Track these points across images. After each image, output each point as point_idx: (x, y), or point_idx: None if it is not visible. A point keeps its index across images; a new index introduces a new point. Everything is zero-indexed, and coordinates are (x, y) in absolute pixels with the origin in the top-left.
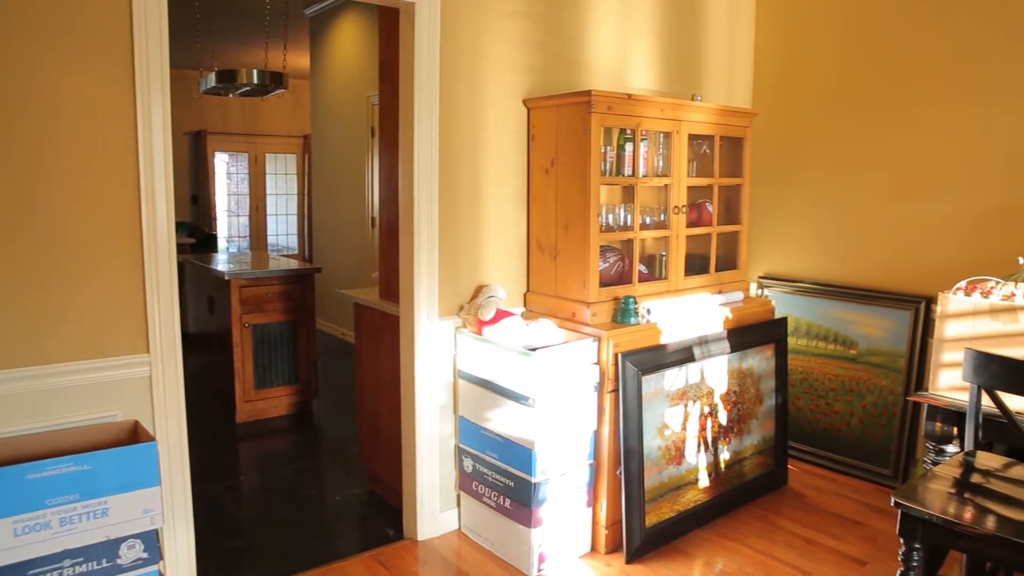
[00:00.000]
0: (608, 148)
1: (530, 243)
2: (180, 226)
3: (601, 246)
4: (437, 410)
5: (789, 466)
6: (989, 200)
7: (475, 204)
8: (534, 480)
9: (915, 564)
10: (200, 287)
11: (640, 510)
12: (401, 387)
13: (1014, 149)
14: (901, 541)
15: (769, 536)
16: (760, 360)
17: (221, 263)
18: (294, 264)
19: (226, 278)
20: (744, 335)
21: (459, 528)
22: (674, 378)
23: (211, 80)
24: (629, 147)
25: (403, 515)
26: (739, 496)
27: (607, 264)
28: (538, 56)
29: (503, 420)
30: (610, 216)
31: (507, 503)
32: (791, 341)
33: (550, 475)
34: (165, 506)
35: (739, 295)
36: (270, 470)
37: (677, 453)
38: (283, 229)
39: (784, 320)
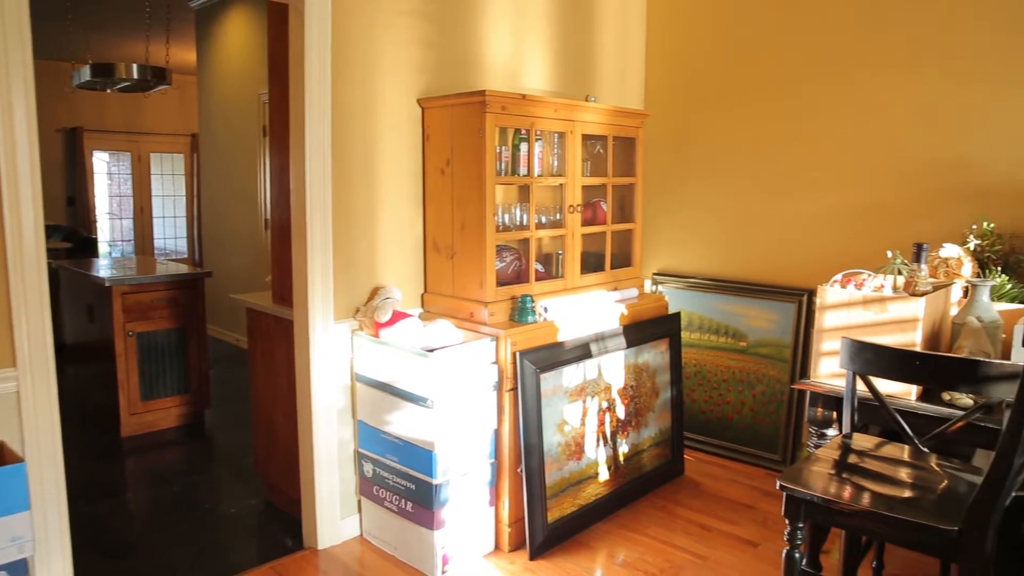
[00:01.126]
0: (503, 148)
1: (427, 244)
2: (53, 230)
3: (497, 245)
4: (335, 415)
5: (685, 456)
6: (864, 198)
7: (370, 205)
8: (435, 482)
9: (799, 542)
10: (78, 295)
11: (542, 506)
12: (297, 393)
13: (884, 151)
14: (786, 522)
15: (668, 524)
16: (655, 354)
17: (102, 268)
18: (183, 269)
19: (107, 284)
20: (639, 331)
21: (361, 534)
22: (572, 375)
23: (85, 74)
24: (524, 147)
25: (302, 524)
26: (638, 488)
27: (504, 263)
28: (432, 56)
29: (402, 423)
30: (506, 216)
31: (409, 506)
32: (685, 335)
33: (451, 476)
34: (37, 532)
35: (634, 292)
36: (159, 485)
37: (577, 448)
38: (171, 232)
39: (677, 315)
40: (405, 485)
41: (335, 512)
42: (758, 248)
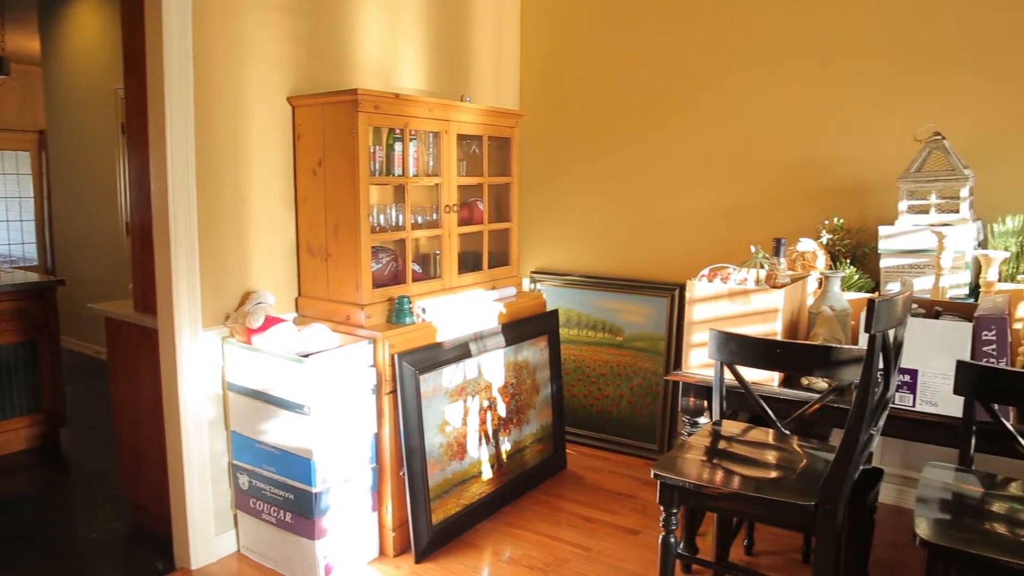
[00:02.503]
0: (377, 148)
1: (300, 246)
2: None
3: (373, 247)
4: (206, 427)
5: (568, 450)
6: (730, 196)
7: (239, 207)
8: (315, 490)
9: (674, 527)
10: None
11: (426, 509)
12: (164, 405)
13: (748, 153)
14: (661, 508)
15: (552, 519)
16: (535, 352)
17: None
18: (33, 277)
19: None
20: (518, 328)
21: (238, 550)
22: (452, 375)
23: None
24: (398, 147)
25: (173, 544)
26: (522, 484)
27: (380, 265)
28: (303, 52)
29: (279, 431)
30: (381, 216)
31: (288, 517)
32: (563, 331)
33: (331, 483)
34: None
35: (512, 290)
36: (8, 514)
37: (459, 448)
38: (17, 237)
39: (555, 312)
40: (283, 495)
41: (209, 529)
42: (632, 245)
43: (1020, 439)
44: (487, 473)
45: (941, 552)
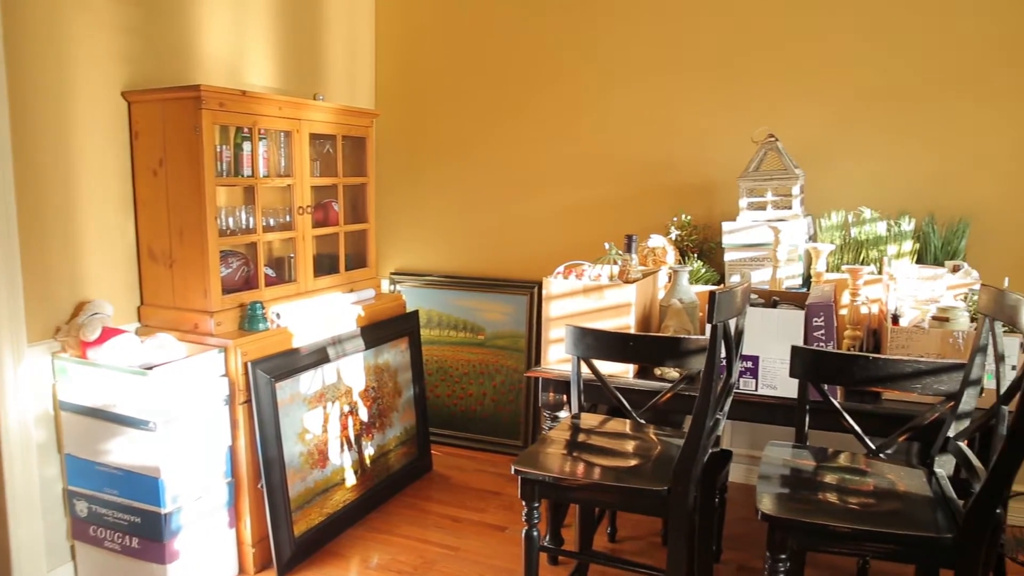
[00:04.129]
0: (224, 147)
1: (141, 251)
2: None
3: (222, 251)
4: (34, 451)
5: (433, 452)
6: (586, 194)
7: (69, 210)
8: (164, 511)
9: (537, 521)
10: None
11: (287, 521)
12: None
13: (603, 152)
14: (523, 503)
15: (419, 522)
16: (395, 354)
17: None
18: None
19: None
20: (378, 331)
21: None
22: (310, 381)
23: None
24: (247, 146)
25: None
26: (388, 488)
27: (230, 270)
28: (138, 44)
29: (122, 451)
30: (230, 219)
31: (135, 542)
32: (424, 332)
33: (182, 502)
34: None
35: (371, 292)
36: None
37: (321, 456)
38: None
39: (416, 313)
40: (129, 519)
41: (40, 565)
42: (492, 244)
43: (845, 415)
44: (351, 480)
45: (780, 523)
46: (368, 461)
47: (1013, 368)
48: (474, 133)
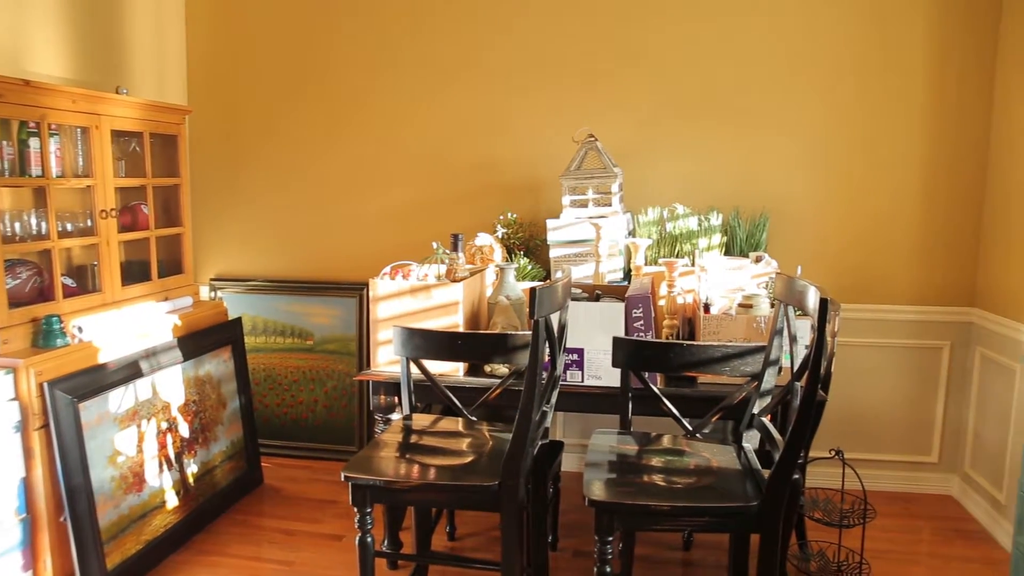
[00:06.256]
0: (6, 143)
1: None
2: None
3: (7, 260)
4: None
5: (264, 464)
6: (413, 195)
7: None
8: None
9: (370, 526)
10: None
11: (97, 554)
12: None
13: (430, 153)
14: (355, 510)
15: (251, 539)
16: (218, 364)
17: None
18: None
19: None
20: (197, 341)
21: None
22: (121, 398)
23: None
24: (35, 143)
25: None
26: (215, 507)
27: (19, 280)
28: None
29: None
30: (17, 224)
31: None
32: (249, 340)
33: None
34: None
35: (188, 300)
36: None
37: (136, 479)
38: None
39: (239, 320)
40: None
41: None
42: (318, 246)
43: (665, 400)
44: (172, 501)
45: (605, 507)
46: (192, 479)
47: (806, 348)
48: (299, 132)
